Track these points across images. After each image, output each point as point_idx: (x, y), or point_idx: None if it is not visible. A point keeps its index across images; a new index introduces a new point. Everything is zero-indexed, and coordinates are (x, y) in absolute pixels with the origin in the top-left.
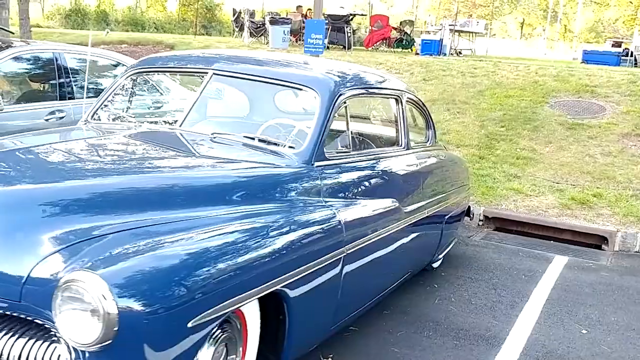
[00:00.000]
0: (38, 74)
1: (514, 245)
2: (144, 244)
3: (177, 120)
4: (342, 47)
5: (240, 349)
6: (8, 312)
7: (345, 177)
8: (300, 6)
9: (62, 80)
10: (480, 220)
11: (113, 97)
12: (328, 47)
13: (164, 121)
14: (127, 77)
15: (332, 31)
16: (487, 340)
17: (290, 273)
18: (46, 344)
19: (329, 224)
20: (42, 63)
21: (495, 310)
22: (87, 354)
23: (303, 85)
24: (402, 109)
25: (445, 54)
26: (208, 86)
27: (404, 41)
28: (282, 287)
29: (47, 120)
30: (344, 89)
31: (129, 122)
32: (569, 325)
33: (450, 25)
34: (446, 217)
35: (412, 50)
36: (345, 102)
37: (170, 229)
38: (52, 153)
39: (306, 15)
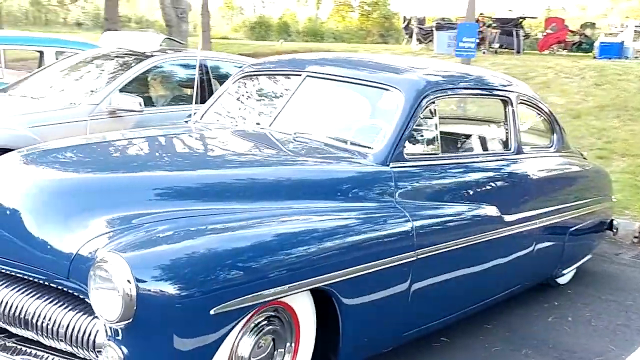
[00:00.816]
0: (184, 79)
1: None
2: (185, 231)
3: (269, 121)
4: (513, 50)
5: (292, 345)
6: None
7: (427, 180)
8: None
9: (203, 84)
10: (635, 237)
11: (222, 99)
12: (496, 52)
13: (258, 122)
14: (235, 82)
15: (500, 35)
16: None
17: (339, 272)
18: (89, 318)
19: (395, 226)
20: (189, 70)
21: (616, 335)
22: (113, 330)
23: (389, 85)
24: (513, 111)
25: (627, 57)
26: (300, 88)
27: (584, 44)
28: (328, 285)
29: (186, 122)
30: (431, 89)
31: (229, 122)
32: None
33: (637, 26)
34: (571, 229)
35: (592, 53)
36: (433, 103)
37: (219, 219)
38: (131, 146)
39: (478, 20)
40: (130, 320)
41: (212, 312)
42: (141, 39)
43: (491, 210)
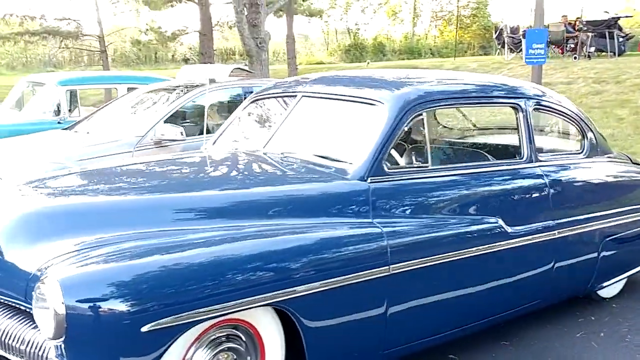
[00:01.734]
0: (228, 107)
1: None
2: (123, 253)
3: (265, 142)
4: (610, 53)
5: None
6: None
7: (411, 194)
8: (565, 15)
9: None
10: None
11: (233, 125)
12: (588, 56)
13: (256, 144)
14: (245, 107)
15: (594, 38)
16: None
17: (294, 289)
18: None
19: (365, 242)
20: (232, 98)
21: None
22: (58, 347)
23: (374, 100)
24: (525, 118)
25: None
26: (296, 108)
27: None
28: (284, 302)
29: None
30: (416, 102)
31: (234, 145)
32: None
33: None
34: (607, 239)
35: None
36: (420, 115)
37: (167, 241)
38: (105, 174)
39: (572, 23)
40: (63, 338)
41: (143, 329)
42: (212, 70)
43: (490, 223)
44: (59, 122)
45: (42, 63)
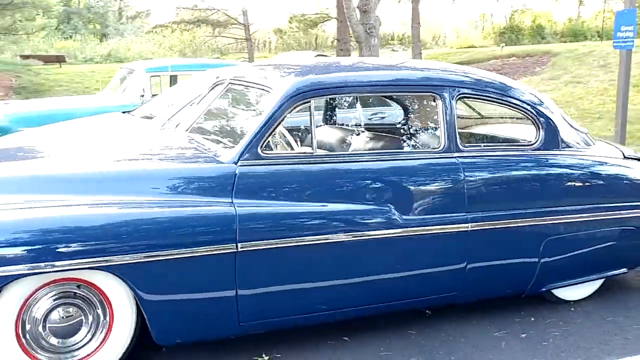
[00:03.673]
0: None
1: None
2: None
3: (189, 123)
4: None
5: (106, 319)
6: None
7: (285, 178)
8: None
9: None
10: None
11: (190, 105)
12: None
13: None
14: (207, 90)
15: None
16: None
17: (126, 256)
18: None
19: (211, 218)
20: None
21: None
22: None
23: (267, 87)
24: (443, 107)
25: None
26: (222, 94)
27: None
28: (113, 266)
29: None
30: (304, 89)
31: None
32: None
33: None
34: (550, 239)
35: None
36: (308, 102)
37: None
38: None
39: None
40: None
41: None
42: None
43: (372, 212)
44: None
45: (210, 50)
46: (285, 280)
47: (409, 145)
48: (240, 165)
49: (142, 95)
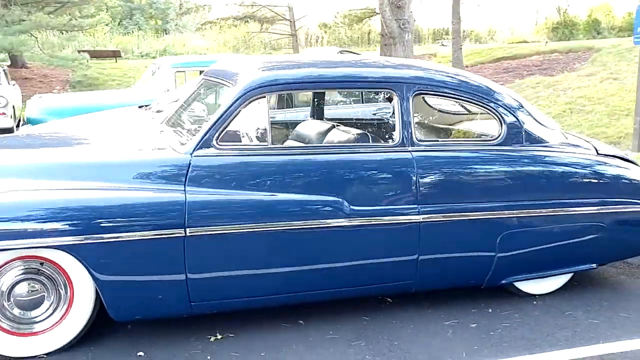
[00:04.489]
0: None
1: None
2: None
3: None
4: None
5: (67, 294)
6: None
7: (237, 169)
8: None
9: None
10: None
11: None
12: None
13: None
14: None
15: None
16: None
17: (80, 237)
18: None
19: (161, 204)
20: None
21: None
22: None
23: (229, 82)
24: (399, 103)
25: None
26: (198, 89)
27: None
28: (67, 247)
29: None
30: (257, 86)
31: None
32: None
33: None
34: (507, 233)
35: None
36: (263, 98)
37: None
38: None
39: None
40: None
41: None
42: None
43: (319, 201)
44: None
45: (263, 46)
46: (233, 265)
47: (366, 139)
48: (195, 156)
49: (167, 90)
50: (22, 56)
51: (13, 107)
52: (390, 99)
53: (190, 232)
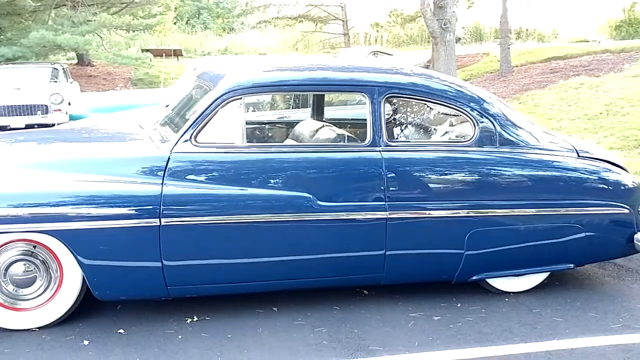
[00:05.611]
0: None
1: None
2: None
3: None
4: None
5: (57, 274)
6: None
7: (213, 165)
8: None
9: None
10: None
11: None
12: None
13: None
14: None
15: None
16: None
17: (63, 223)
18: None
19: (139, 196)
20: None
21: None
22: None
23: (209, 84)
24: (371, 105)
25: None
26: (191, 90)
27: None
28: (52, 231)
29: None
30: (234, 88)
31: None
32: None
33: None
34: (474, 231)
35: None
36: (240, 99)
37: None
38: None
39: None
40: None
41: None
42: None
43: (289, 197)
44: None
45: (322, 44)
46: (205, 254)
47: (342, 139)
48: (174, 152)
49: None
50: (88, 55)
51: (69, 103)
52: (363, 102)
53: (165, 222)
